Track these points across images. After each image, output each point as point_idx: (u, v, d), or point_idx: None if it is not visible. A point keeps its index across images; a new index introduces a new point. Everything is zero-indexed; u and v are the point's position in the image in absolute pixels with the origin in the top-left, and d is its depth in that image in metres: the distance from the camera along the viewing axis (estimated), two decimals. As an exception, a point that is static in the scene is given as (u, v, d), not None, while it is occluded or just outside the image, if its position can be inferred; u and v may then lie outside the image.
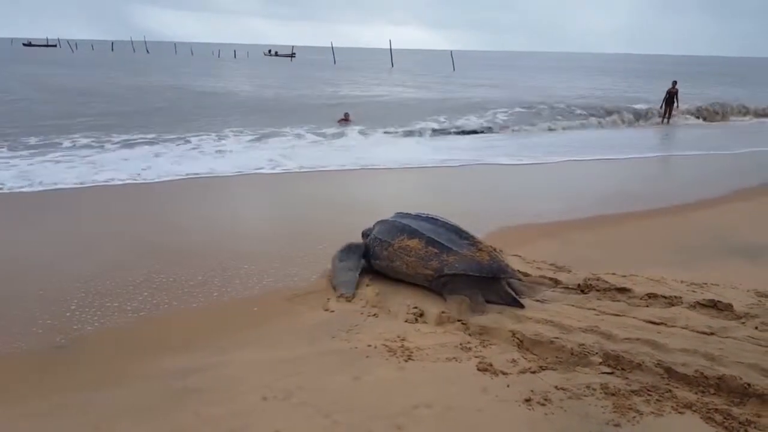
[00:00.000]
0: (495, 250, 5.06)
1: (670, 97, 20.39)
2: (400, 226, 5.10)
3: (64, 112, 18.50)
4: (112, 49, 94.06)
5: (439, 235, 4.88)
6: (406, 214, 5.36)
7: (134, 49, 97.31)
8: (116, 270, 5.47)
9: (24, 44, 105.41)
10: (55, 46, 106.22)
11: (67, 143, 13.05)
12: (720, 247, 6.27)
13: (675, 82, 20.62)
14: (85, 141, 13.47)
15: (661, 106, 20.82)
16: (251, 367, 3.74)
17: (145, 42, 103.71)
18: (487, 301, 4.59)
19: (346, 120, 18.23)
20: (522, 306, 4.53)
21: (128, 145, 13.16)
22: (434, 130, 16.98)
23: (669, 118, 20.65)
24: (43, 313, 4.59)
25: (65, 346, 4.09)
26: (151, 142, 13.38)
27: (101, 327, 4.40)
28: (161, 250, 6.12)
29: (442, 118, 19.03)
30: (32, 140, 13.21)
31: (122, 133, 14.52)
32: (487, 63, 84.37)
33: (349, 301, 4.78)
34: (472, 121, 18.55)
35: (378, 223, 5.45)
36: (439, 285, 4.78)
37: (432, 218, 5.15)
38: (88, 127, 15.40)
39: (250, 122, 17.31)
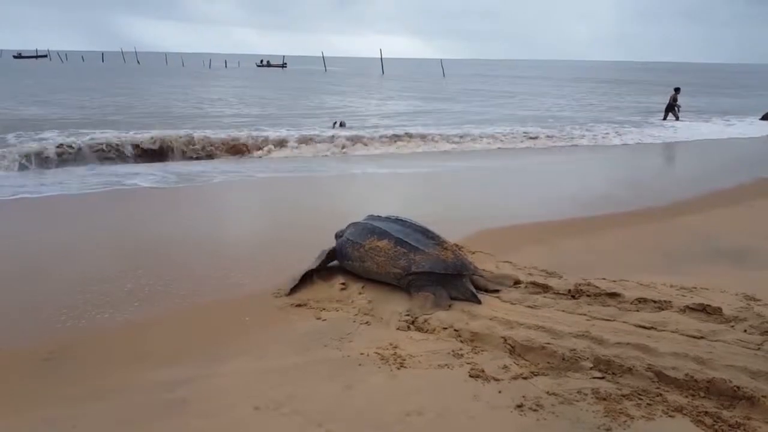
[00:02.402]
0: (459, 248, 5.31)
1: (671, 105, 22.67)
2: (371, 228, 5.31)
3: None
4: (103, 60, 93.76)
5: (408, 236, 5.13)
6: (377, 216, 5.59)
7: (125, 60, 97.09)
8: (103, 280, 5.43)
9: (14, 56, 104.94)
10: (46, 56, 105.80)
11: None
12: (708, 251, 6.33)
13: (678, 90, 22.74)
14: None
15: (667, 110, 22.97)
16: (242, 377, 3.72)
17: (136, 53, 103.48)
18: (451, 297, 4.84)
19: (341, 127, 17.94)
20: (479, 302, 4.78)
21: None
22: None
23: (666, 117, 22.63)
24: (29, 325, 4.57)
25: (52, 359, 4.04)
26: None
27: (89, 338, 4.35)
28: (149, 258, 6.10)
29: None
30: None
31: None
32: (475, 73, 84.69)
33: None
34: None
35: (350, 225, 5.64)
36: (407, 283, 5.00)
37: (401, 220, 5.40)
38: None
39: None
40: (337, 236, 5.72)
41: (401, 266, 4.98)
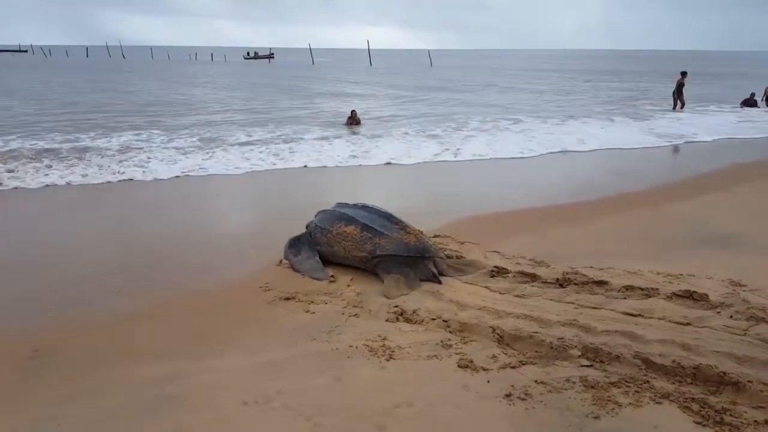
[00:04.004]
0: (421, 233, 5.48)
1: (679, 88, 21.65)
2: (339, 215, 5.57)
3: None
4: (87, 55, 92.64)
5: (373, 222, 5.37)
6: (345, 204, 5.84)
7: (110, 55, 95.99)
8: (89, 277, 5.40)
9: None
10: (26, 51, 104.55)
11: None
12: (694, 238, 6.38)
13: (684, 74, 21.63)
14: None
15: (673, 96, 21.99)
16: (231, 372, 3.70)
17: (121, 47, 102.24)
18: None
19: (353, 120, 17.06)
20: (440, 282, 5.03)
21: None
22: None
23: (683, 106, 21.68)
24: (13, 323, 4.52)
25: (38, 357, 3.99)
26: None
27: (75, 336, 4.31)
28: (136, 254, 6.06)
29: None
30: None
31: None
32: (464, 64, 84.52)
33: (333, 281, 5.21)
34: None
35: (319, 212, 5.90)
36: (372, 265, 5.25)
37: (368, 207, 5.65)
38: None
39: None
40: (308, 226, 5.91)
41: (367, 250, 5.22)
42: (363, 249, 5.24)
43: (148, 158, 11.56)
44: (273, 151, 12.74)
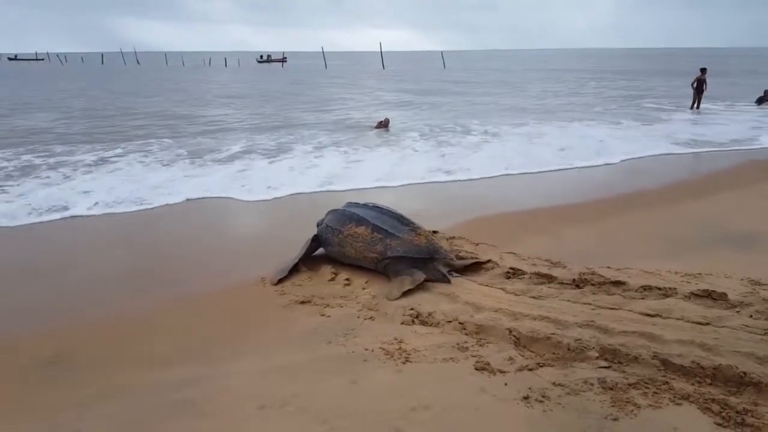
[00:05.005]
0: (431, 234, 5.53)
1: (699, 85, 20.51)
2: (349, 215, 5.59)
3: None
4: (102, 62, 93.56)
5: (384, 222, 5.39)
6: (356, 203, 5.86)
7: (125, 62, 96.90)
8: (105, 283, 5.47)
9: (9, 58, 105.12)
10: (43, 59, 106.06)
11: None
12: (712, 237, 6.30)
13: (704, 70, 20.40)
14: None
15: (694, 94, 20.78)
16: (247, 375, 3.72)
17: (135, 53, 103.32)
18: (424, 279, 5.05)
19: (384, 126, 17.44)
20: (449, 282, 5.05)
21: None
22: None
23: (699, 105, 20.70)
24: (31, 329, 4.58)
25: (55, 362, 4.05)
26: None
27: (91, 341, 4.36)
28: (152, 261, 6.12)
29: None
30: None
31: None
32: (481, 66, 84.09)
33: (273, 284, 5.25)
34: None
35: (330, 212, 5.90)
36: (383, 266, 5.27)
37: (378, 207, 5.66)
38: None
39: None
40: (318, 224, 5.94)
41: (378, 251, 5.25)
42: (374, 250, 5.26)
43: (169, 179, 11.01)
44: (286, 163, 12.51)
